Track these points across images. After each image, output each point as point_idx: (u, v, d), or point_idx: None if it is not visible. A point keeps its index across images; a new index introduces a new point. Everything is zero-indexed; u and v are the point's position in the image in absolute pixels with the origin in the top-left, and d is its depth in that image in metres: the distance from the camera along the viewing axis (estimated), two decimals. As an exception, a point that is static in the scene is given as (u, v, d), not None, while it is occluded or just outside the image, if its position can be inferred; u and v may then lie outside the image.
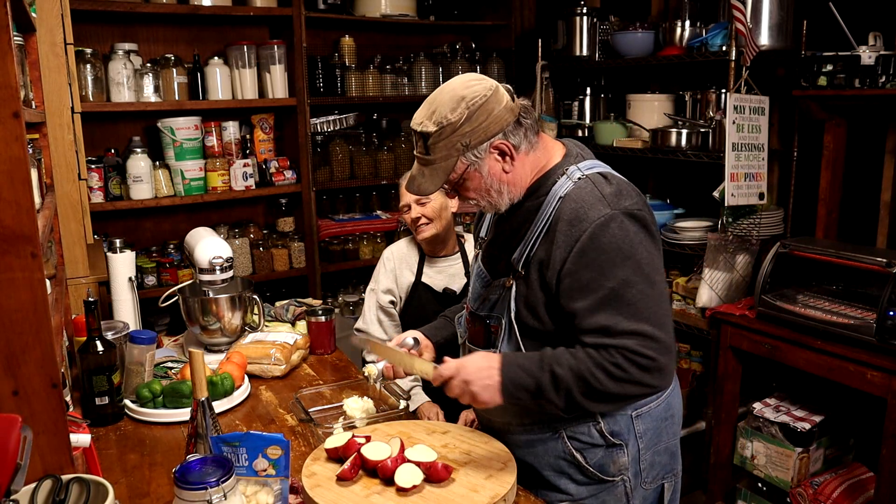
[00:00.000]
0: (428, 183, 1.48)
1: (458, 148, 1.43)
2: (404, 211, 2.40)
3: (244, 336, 2.26)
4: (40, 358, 1.21)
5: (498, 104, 1.44)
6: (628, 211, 1.42)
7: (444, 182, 1.48)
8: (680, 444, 1.69)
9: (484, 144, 1.44)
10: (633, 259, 1.40)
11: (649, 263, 1.42)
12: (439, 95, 1.46)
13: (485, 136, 1.44)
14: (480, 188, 1.49)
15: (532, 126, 1.50)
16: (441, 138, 1.43)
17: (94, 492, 1.17)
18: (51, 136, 2.19)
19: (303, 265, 3.66)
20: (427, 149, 1.46)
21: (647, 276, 1.40)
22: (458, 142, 1.43)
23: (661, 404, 1.59)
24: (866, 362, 2.29)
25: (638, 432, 1.55)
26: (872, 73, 2.43)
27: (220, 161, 3.41)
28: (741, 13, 2.64)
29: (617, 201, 1.42)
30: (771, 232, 2.98)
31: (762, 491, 2.78)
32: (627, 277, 1.39)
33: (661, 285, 1.44)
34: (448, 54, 4.07)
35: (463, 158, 1.45)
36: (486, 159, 1.46)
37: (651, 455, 1.58)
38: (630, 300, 1.39)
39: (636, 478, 1.57)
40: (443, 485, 1.40)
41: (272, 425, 1.82)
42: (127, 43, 3.22)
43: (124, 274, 2.33)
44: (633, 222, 1.42)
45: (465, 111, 1.41)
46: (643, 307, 1.39)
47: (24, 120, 1.17)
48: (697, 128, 3.06)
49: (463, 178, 1.48)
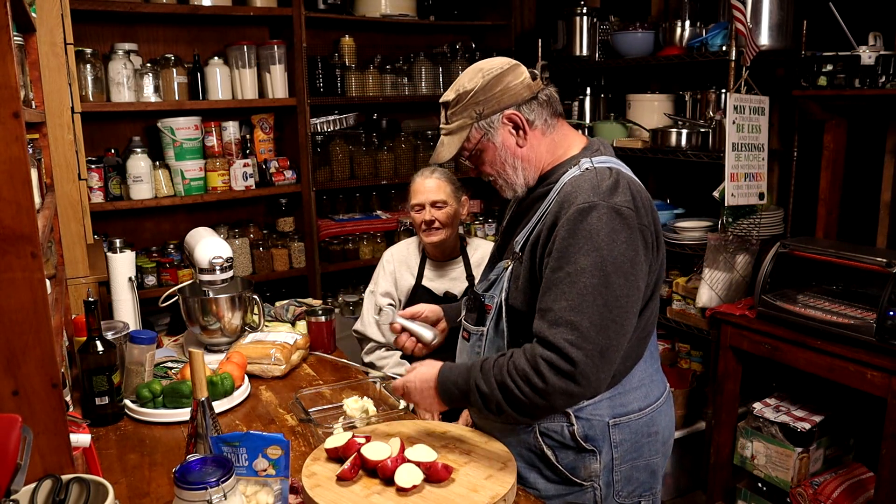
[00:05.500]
0: (445, 151, 1.54)
1: (473, 115, 1.50)
2: (415, 210, 2.37)
3: (244, 336, 2.26)
4: (40, 358, 1.21)
5: (515, 78, 1.50)
6: (615, 205, 1.40)
7: (461, 150, 1.53)
8: (664, 466, 1.67)
9: (497, 114, 1.50)
10: (599, 253, 1.37)
11: (615, 262, 1.38)
12: (463, 73, 1.55)
13: (498, 105, 1.49)
14: (495, 161, 1.53)
15: (552, 110, 1.54)
16: (458, 106, 1.51)
17: (94, 492, 1.17)
18: (51, 136, 2.19)
19: (303, 265, 3.66)
20: (447, 118, 1.53)
21: (606, 275, 1.37)
22: (473, 109, 1.49)
23: (644, 417, 1.56)
24: (866, 362, 2.29)
25: (614, 441, 1.53)
26: (872, 73, 2.43)
27: (220, 161, 3.41)
28: (741, 13, 2.65)
29: (608, 194, 1.41)
30: (771, 232, 2.98)
31: (762, 491, 2.78)
32: (585, 267, 1.37)
33: (620, 289, 1.38)
34: (448, 54, 4.07)
35: (477, 126, 1.50)
36: (499, 129, 1.51)
37: (628, 469, 1.56)
38: (579, 290, 1.37)
39: (608, 487, 1.55)
40: (443, 485, 1.40)
41: (272, 425, 1.82)
42: (127, 43, 3.22)
43: (124, 274, 2.33)
44: (615, 217, 1.39)
45: (480, 80, 1.49)
46: (589, 302, 1.37)
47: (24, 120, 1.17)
48: (697, 128, 3.06)
49: (478, 149, 1.53)
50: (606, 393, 1.52)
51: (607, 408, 1.53)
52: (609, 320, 1.37)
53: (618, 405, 1.54)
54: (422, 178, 2.39)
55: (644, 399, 1.57)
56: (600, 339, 1.36)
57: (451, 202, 2.36)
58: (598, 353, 1.37)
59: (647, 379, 1.58)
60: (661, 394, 1.62)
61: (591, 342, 1.36)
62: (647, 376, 1.58)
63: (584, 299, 1.36)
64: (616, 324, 1.38)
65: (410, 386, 1.55)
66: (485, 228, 4.10)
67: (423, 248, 2.48)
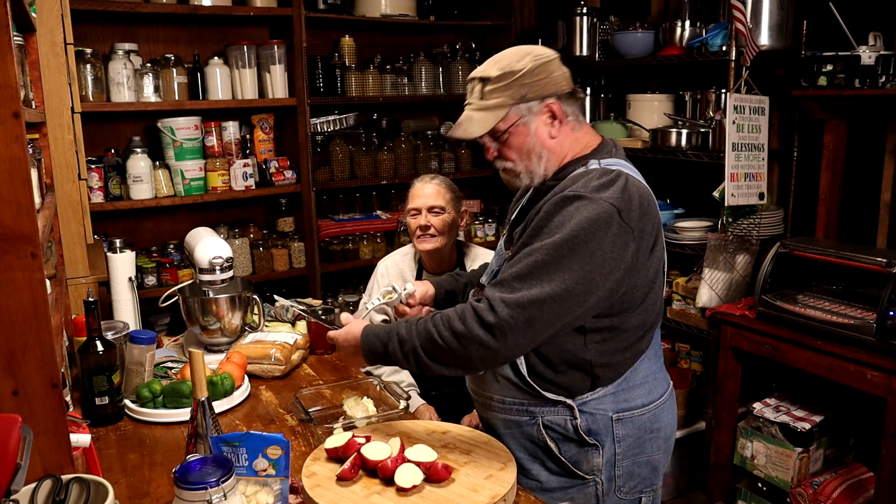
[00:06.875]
0: (476, 127, 1.50)
1: (515, 97, 1.47)
2: (411, 214, 2.34)
3: (244, 336, 2.26)
4: (40, 358, 1.21)
5: (558, 69, 1.51)
6: (598, 200, 1.40)
7: (492, 127, 1.49)
8: (666, 463, 1.68)
9: (538, 101, 1.49)
10: (563, 235, 1.38)
11: (575, 248, 1.37)
12: (506, 51, 1.52)
13: (542, 92, 1.48)
14: (523, 148, 1.51)
15: (581, 107, 1.57)
16: (500, 84, 1.47)
17: (94, 492, 1.17)
18: (51, 136, 2.19)
19: (303, 265, 3.66)
20: (483, 94, 1.49)
21: (562, 256, 1.37)
22: (517, 91, 1.47)
23: (647, 413, 1.58)
24: (866, 362, 2.29)
25: (617, 436, 1.55)
26: (872, 73, 2.43)
27: (220, 161, 3.41)
28: (741, 13, 2.65)
29: (595, 190, 1.42)
30: (771, 232, 2.98)
31: (762, 491, 2.78)
32: (545, 244, 1.39)
33: (571, 273, 1.37)
34: (448, 54, 4.07)
35: (516, 109, 1.48)
36: (536, 116, 1.50)
37: (630, 464, 1.57)
38: (530, 262, 1.39)
39: (610, 482, 1.56)
40: (443, 485, 1.40)
41: (272, 425, 1.82)
42: (127, 43, 3.22)
43: (124, 274, 2.33)
44: (594, 210, 1.38)
45: (529, 63, 1.47)
46: (535, 275, 1.38)
47: (24, 120, 1.17)
48: (697, 128, 3.06)
49: (509, 133, 1.50)
50: (610, 388, 1.54)
51: (611, 402, 1.54)
52: (549, 296, 1.37)
53: (621, 400, 1.55)
54: (421, 184, 2.38)
55: (648, 395, 1.58)
56: (532, 309, 1.37)
57: (450, 210, 2.33)
58: (525, 319, 1.37)
59: (651, 376, 1.60)
60: (664, 391, 1.63)
61: (523, 308, 1.37)
62: (650, 373, 1.60)
63: (532, 271, 1.38)
64: (555, 303, 1.37)
65: (339, 338, 1.56)
66: (485, 228, 4.09)
67: (419, 259, 2.45)
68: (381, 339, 1.49)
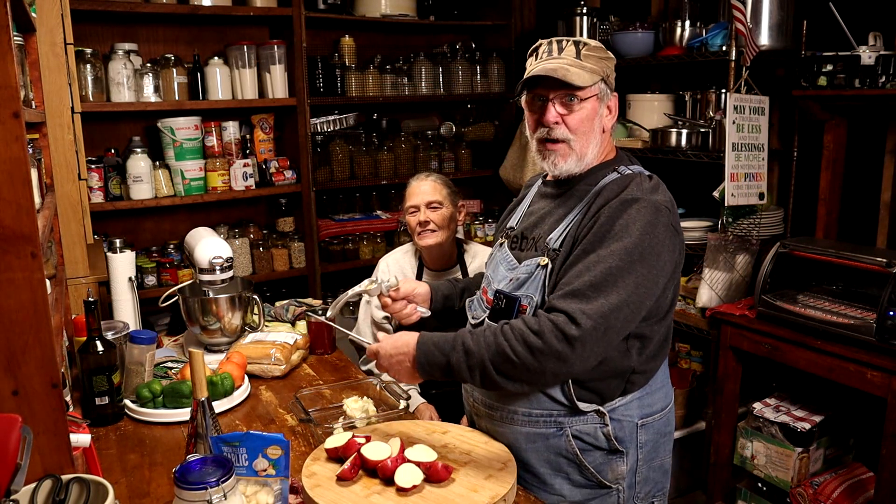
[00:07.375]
0: (578, 77, 1.48)
1: (604, 72, 1.53)
2: (410, 212, 2.36)
3: (244, 336, 2.26)
4: (40, 358, 1.21)
5: None
6: (656, 202, 1.45)
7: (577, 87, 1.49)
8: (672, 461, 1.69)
9: (610, 90, 1.57)
10: (632, 240, 1.40)
11: (643, 253, 1.39)
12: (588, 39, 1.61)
13: (613, 85, 1.58)
14: (583, 120, 1.53)
15: None
16: (596, 54, 1.53)
17: (94, 492, 1.17)
18: (51, 136, 2.19)
19: (303, 265, 3.66)
20: (579, 54, 1.51)
21: (633, 262, 1.38)
22: (606, 68, 1.54)
23: (663, 418, 1.59)
24: (866, 362, 2.29)
25: (640, 442, 1.55)
26: (872, 73, 2.43)
27: (220, 161, 3.41)
28: (741, 13, 2.64)
29: (650, 192, 1.47)
30: (771, 232, 2.98)
31: (762, 491, 2.77)
32: (615, 251, 1.39)
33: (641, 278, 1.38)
34: (448, 54, 4.07)
35: (599, 84, 1.53)
36: (605, 101, 1.56)
37: (647, 469, 1.58)
38: (604, 270, 1.38)
39: (630, 489, 1.56)
40: (443, 485, 1.40)
41: (272, 425, 1.82)
42: (127, 43, 3.22)
43: (124, 274, 2.33)
44: (654, 212, 1.43)
45: (609, 55, 1.56)
46: (610, 283, 1.37)
47: (24, 120, 1.17)
48: (697, 128, 3.06)
49: (586, 102, 1.52)
50: (637, 392, 1.54)
51: (637, 408, 1.54)
52: (623, 304, 1.38)
53: (646, 405, 1.56)
54: (417, 182, 2.39)
55: (665, 399, 1.60)
56: (610, 318, 1.37)
57: (447, 204, 2.35)
58: (604, 329, 1.37)
59: (665, 379, 1.62)
60: (672, 393, 1.66)
61: (602, 317, 1.36)
62: (665, 377, 1.62)
63: (607, 279, 1.38)
64: (628, 309, 1.39)
65: (383, 351, 1.50)
66: (485, 228, 4.09)
67: (420, 256, 2.47)
68: (441, 350, 1.43)
